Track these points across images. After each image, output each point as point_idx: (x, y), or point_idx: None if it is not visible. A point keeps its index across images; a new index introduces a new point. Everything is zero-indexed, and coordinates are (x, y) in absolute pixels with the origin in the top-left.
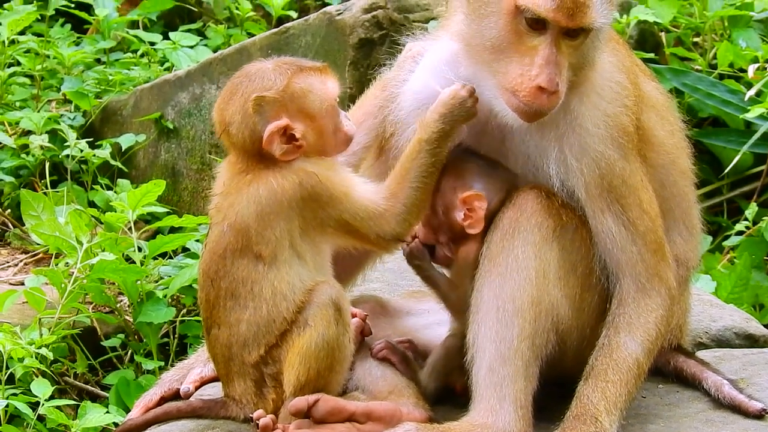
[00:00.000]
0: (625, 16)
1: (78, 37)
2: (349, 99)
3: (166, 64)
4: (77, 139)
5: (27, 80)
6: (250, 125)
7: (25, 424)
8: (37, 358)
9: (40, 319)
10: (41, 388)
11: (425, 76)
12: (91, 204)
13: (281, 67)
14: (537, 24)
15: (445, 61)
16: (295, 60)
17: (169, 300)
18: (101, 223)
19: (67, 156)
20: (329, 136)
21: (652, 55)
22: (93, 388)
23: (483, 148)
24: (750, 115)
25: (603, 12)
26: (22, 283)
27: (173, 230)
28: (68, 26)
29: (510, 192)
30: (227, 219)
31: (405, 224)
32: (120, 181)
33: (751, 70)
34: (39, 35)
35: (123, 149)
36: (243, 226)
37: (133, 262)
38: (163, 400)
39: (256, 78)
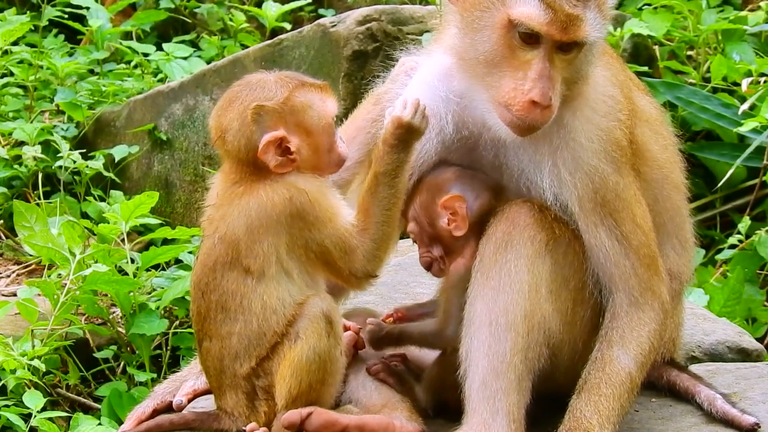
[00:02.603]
0: (618, 30)
1: (71, 48)
2: (342, 111)
3: (160, 76)
4: (70, 150)
5: (20, 91)
6: (247, 134)
7: None
8: (29, 369)
9: (32, 330)
10: (33, 399)
11: (418, 90)
12: (84, 215)
13: (283, 79)
14: (530, 38)
15: (438, 74)
16: (297, 75)
17: (162, 312)
18: (94, 234)
19: (60, 167)
20: (323, 153)
21: (645, 69)
22: (85, 400)
23: (476, 163)
24: (743, 129)
25: (596, 26)
26: (15, 295)
27: (166, 242)
28: (61, 37)
29: (493, 192)
30: (218, 231)
31: (376, 260)
32: (113, 192)
33: (745, 83)
34: (32, 46)
35: (116, 160)
36: (233, 238)
37: (126, 274)
38: (155, 413)
39: (258, 88)
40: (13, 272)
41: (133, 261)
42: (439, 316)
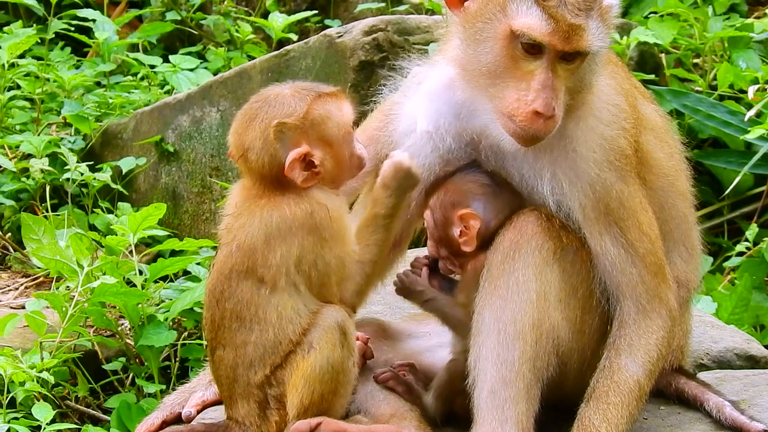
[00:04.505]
0: (625, 38)
1: (78, 60)
2: None
3: (167, 87)
4: (77, 162)
5: (27, 104)
6: (271, 151)
7: None
8: (38, 381)
9: (41, 342)
10: (42, 412)
11: (421, 101)
12: (92, 227)
13: (300, 92)
14: (533, 48)
15: (442, 86)
16: (311, 85)
17: (170, 323)
18: (102, 246)
19: (68, 179)
20: (345, 161)
21: (652, 77)
22: (94, 412)
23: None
24: (750, 136)
25: (599, 35)
26: (23, 307)
27: (174, 253)
28: (68, 49)
29: (515, 212)
30: (236, 239)
31: (361, 296)
32: (120, 204)
33: (751, 91)
34: (39, 58)
35: (123, 172)
36: (250, 247)
37: (134, 286)
38: (164, 424)
39: (276, 104)
40: (22, 285)
41: (141, 273)
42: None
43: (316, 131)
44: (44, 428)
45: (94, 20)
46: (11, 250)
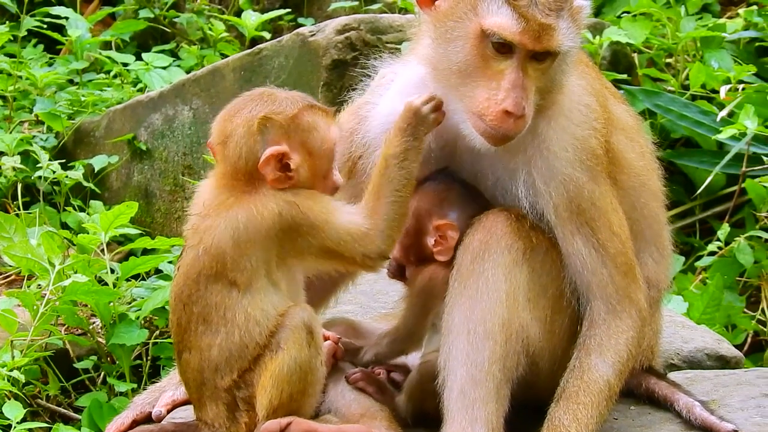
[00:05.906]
0: (597, 38)
1: (50, 58)
2: None
3: (139, 85)
4: (50, 160)
5: None
6: (250, 143)
7: None
8: (8, 380)
9: (12, 341)
10: (13, 410)
11: (393, 100)
12: (64, 226)
13: (293, 97)
14: (503, 48)
15: (413, 84)
16: (307, 96)
17: (142, 322)
18: (74, 244)
19: (40, 177)
20: (320, 178)
21: (625, 77)
22: (65, 411)
23: (456, 170)
24: (722, 136)
25: (570, 35)
26: None
27: (146, 252)
28: (41, 47)
29: None
30: (203, 243)
31: (389, 240)
32: (93, 202)
33: (723, 91)
34: (11, 56)
35: (96, 170)
36: (219, 251)
37: (106, 284)
38: (135, 424)
39: (268, 100)
40: None
41: (112, 271)
42: (399, 319)
43: (299, 136)
44: (15, 427)
45: (66, 18)
46: None
